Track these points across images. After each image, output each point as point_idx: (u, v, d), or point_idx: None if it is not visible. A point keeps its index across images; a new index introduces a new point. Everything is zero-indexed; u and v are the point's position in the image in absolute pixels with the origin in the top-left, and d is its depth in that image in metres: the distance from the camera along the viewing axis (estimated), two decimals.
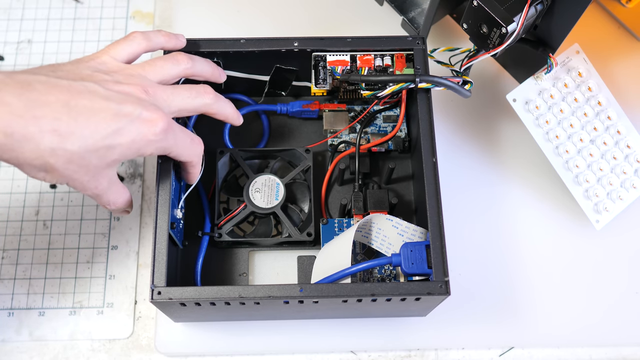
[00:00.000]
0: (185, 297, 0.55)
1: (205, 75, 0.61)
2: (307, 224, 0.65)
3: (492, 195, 0.71)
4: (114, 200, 0.56)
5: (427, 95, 0.62)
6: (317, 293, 0.55)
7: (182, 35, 0.62)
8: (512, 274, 0.68)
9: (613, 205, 0.67)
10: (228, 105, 0.61)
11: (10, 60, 0.76)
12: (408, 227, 0.60)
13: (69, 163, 0.49)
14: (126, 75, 0.54)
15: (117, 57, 0.56)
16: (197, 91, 0.57)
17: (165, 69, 0.57)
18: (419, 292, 0.55)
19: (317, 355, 0.65)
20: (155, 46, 0.60)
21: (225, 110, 0.61)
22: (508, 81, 0.74)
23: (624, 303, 0.67)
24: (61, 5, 0.80)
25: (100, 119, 0.50)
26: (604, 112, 0.68)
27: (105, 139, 0.50)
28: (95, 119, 0.50)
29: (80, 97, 0.50)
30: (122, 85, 0.53)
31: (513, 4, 0.59)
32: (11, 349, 0.64)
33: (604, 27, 0.79)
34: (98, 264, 0.68)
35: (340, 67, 0.64)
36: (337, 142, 0.69)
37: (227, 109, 0.61)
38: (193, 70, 0.60)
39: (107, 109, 0.50)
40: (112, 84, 0.52)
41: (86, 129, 0.49)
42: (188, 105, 0.57)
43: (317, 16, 0.78)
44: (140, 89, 0.53)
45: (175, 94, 0.56)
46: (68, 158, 0.49)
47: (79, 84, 0.51)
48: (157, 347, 0.64)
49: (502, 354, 0.66)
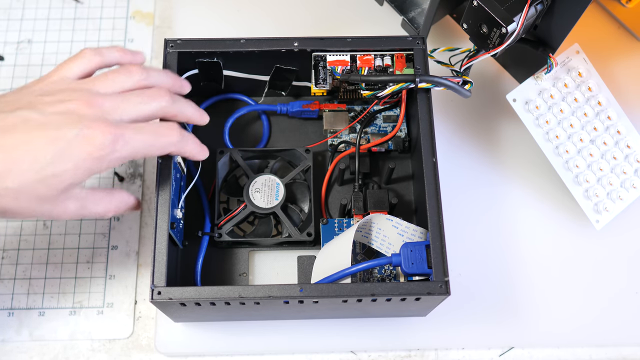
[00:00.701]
0: (185, 297, 0.55)
1: (164, 87, 0.58)
2: (307, 224, 0.65)
3: (492, 195, 0.71)
4: (103, 212, 0.55)
5: (427, 96, 0.62)
6: (317, 293, 0.55)
7: (141, 52, 0.60)
8: (512, 273, 0.68)
9: (613, 205, 0.67)
10: (188, 105, 0.59)
11: (10, 60, 0.76)
12: (408, 227, 0.60)
13: (17, 200, 0.49)
14: (71, 91, 0.53)
15: (68, 75, 0.55)
16: (149, 95, 0.55)
17: (116, 81, 0.55)
18: (419, 292, 0.55)
19: (317, 355, 0.65)
20: (109, 61, 0.58)
21: (186, 111, 0.58)
22: (508, 81, 0.74)
23: (624, 303, 0.67)
24: (61, 5, 0.80)
25: (37, 149, 0.49)
26: (604, 112, 0.68)
27: (47, 168, 0.49)
28: (31, 150, 0.49)
29: (14, 130, 0.49)
30: (64, 103, 0.52)
31: (513, 4, 0.59)
32: (11, 349, 0.64)
33: (604, 27, 0.79)
34: (98, 264, 0.67)
35: (340, 67, 0.64)
36: (337, 142, 0.69)
37: (187, 110, 0.58)
38: (148, 82, 0.57)
39: (42, 136, 0.49)
40: (52, 106, 0.51)
41: (23, 163, 0.48)
42: (142, 111, 0.54)
43: (317, 16, 0.78)
44: (84, 103, 0.52)
45: (125, 102, 0.54)
46: (14, 196, 0.49)
47: (14, 115, 0.50)
48: (157, 347, 0.64)
49: (502, 354, 0.66)
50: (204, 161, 0.66)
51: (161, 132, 0.55)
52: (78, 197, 0.53)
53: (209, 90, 0.70)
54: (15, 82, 0.75)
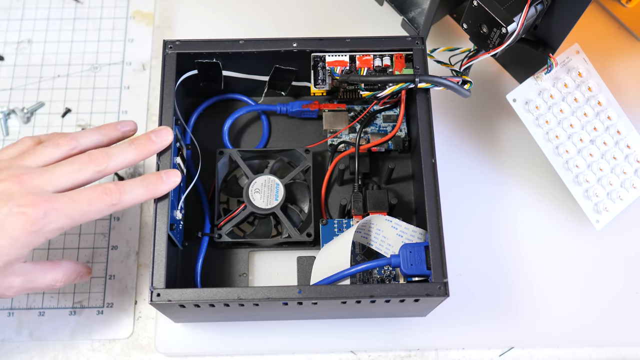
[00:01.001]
0: (184, 299, 0.55)
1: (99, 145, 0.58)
2: (306, 224, 0.65)
3: (492, 195, 0.70)
4: (52, 282, 0.57)
5: (426, 96, 0.62)
6: (316, 295, 0.55)
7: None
8: (512, 273, 0.67)
9: (613, 205, 0.66)
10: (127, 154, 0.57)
11: (10, 60, 0.76)
12: (407, 228, 0.60)
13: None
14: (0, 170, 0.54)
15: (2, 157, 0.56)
16: (81, 162, 0.55)
17: (45, 154, 0.56)
18: (418, 294, 0.55)
19: (317, 355, 0.65)
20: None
21: (125, 161, 0.57)
22: (508, 81, 0.74)
23: (624, 303, 0.67)
24: (61, 5, 0.80)
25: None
26: (604, 112, 0.68)
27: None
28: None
29: None
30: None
31: (513, 4, 0.59)
32: (11, 349, 0.65)
33: (604, 27, 0.78)
34: (98, 264, 0.68)
35: (339, 67, 0.64)
36: (337, 142, 0.69)
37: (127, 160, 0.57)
38: (79, 149, 0.57)
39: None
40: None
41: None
42: (76, 179, 0.55)
43: (317, 16, 0.78)
44: (13, 181, 0.53)
45: (57, 173, 0.54)
46: None
47: None
48: (157, 347, 0.64)
49: (502, 354, 0.66)
50: (204, 162, 0.67)
51: (96, 197, 0.54)
52: (21, 272, 0.54)
53: (208, 90, 0.70)
54: (15, 82, 0.75)
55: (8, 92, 0.75)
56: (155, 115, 0.74)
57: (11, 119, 0.74)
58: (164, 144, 0.58)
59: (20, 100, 0.75)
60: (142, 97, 0.75)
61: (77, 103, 0.75)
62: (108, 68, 0.76)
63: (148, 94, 0.75)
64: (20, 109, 0.74)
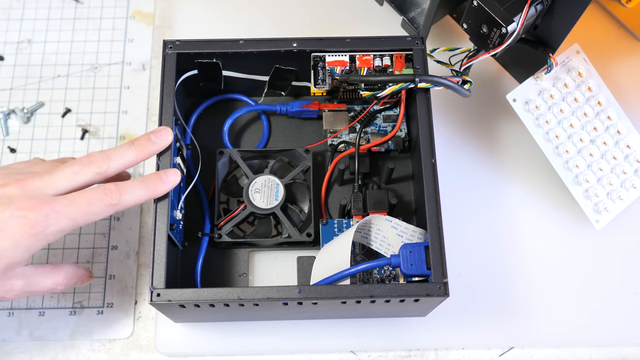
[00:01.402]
0: (184, 299, 0.55)
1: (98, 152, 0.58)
2: (306, 224, 0.65)
3: (492, 195, 0.70)
4: (52, 286, 0.57)
5: (426, 96, 0.62)
6: (316, 295, 0.55)
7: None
8: (512, 273, 0.67)
9: (613, 205, 0.66)
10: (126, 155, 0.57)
11: (10, 60, 0.76)
12: (407, 228, 0.60)
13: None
14: (5, 176, 0.55)
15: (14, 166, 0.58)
16: (80, 164, 0.56)
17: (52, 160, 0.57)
18: (418, 294, 0.55)
19: (317, 355, 0.65)
20: None
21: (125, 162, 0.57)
22: (508, 81, 0.74)
23: (624, 303, 0.67)
24: (61, 5, 0.80)
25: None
26: (604, 112, 0.68)
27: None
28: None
29: None
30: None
31: (513, 4, 0.59)
32: (11, 349, 0.65)
33: (604, 27, 0.78)
34: (98, 264, 0.68)
35: (339, 67, 0.64)
36: (337, 142, 0.69)
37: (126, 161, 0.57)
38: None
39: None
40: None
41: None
42: (76, 181, 0.55)
43: (317, 16, 0.78)
44: (15, 185, 0.53)
45: (56, 176, 0.55)
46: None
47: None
48: (157, 347, 0.64)
49: (502, 354, 0.66)
50: (204, 162, 0.67)
51: (96, 197, 0.54)
52: (22, 275, 0.55)
53: (208, 90, 0.70)
54: (15, 82, 0.75)
55: (8, 92, 0.75)
56: (155, 115, 0.74)
57: (11, 119, 0.74)
58: (164, 145, 0.58)
59: (20, 100, 0.75)
60: (142, 97, 0.75)
61: (77, 103, 0.75)
62: (108, 68, 0.76)
63: (148, 94, 0.75)
64: (20, 109, 0.74)
